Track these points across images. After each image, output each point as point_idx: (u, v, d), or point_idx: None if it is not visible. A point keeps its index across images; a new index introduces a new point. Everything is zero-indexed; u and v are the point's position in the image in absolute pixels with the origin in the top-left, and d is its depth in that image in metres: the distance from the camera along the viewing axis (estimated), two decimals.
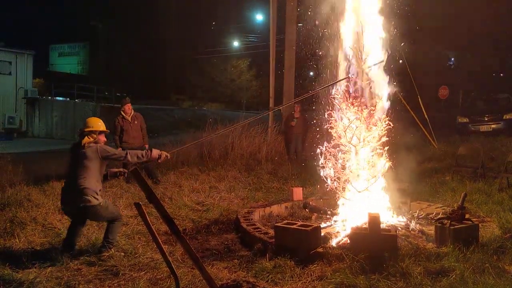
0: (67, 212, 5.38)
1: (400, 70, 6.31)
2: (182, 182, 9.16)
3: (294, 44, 14.26)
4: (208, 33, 43.97)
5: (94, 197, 5.04)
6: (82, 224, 5.35)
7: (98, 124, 5.32)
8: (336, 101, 6.12)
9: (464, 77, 25.49)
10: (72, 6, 44.05)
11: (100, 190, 5.14)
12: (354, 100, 5.97)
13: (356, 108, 5.94)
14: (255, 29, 41.51)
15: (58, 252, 5.03)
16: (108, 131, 5.49)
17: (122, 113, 9.26)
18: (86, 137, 5.19)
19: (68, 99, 29.79)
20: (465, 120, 17.72)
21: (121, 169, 5.60)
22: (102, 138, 5.34)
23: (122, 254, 5.04)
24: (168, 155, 5.46)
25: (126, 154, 5.22)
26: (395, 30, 6.15)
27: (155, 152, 5.33)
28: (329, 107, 6.20)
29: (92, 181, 5.04)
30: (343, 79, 6.14)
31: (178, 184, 8.99)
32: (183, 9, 44.43)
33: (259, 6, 37.91)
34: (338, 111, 6.10)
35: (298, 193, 7.68)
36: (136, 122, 9.27)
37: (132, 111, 9.38)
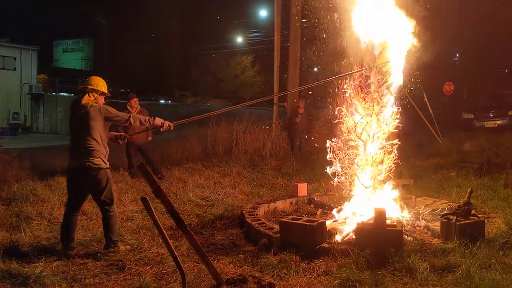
0: (71, 173, 5.12)
1: (408, 67, 6.27)
2: (187, 177, 9.18)
3: (299, 39, 14.21)
4: (211, 29, 43.92)
5: (103, 161, 4.98)
6: (77, 210, 5.21)
7: (100, 84, 5.17)
8: (347, 95, 6.10)
9: (469, 72, 25.35)
10: (76, 2, 44.11)
11: (107, 153, 5.07)
12: (365, 95, 5.95)
13: (367, 103, 5.92)
14: (259, 25, 41.43)
15: (63, 247, 5.05)
16: (109, 94, 5.35)
17: (128, 107, 9.30)
18: (87, 94, 5.03)
19: (72, 94, 29.83)
20: (470, 116, 17.66)
21: (122, 133, 5.50)
22: (102, 100, 5.18)
23: (128, 248, 5.06)
24: (171, 125, 5.42)
25: (129, 117, 5.13)
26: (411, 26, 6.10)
27: (158, 120, 5.28)
28: (339, 102, 6.18)
29: (99, 142, 4.95)
30: (353, 72, 6.12)
31: (183, 180, 9.00)
32: (186, 5, 44.43)
33: (263, 1, 37.84)
34: (349, 106, 6.08)
35: (303, 188, 7.68)
36: None
37: (139, 106, 9.42)
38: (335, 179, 6.26)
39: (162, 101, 37.25)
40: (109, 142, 5.24)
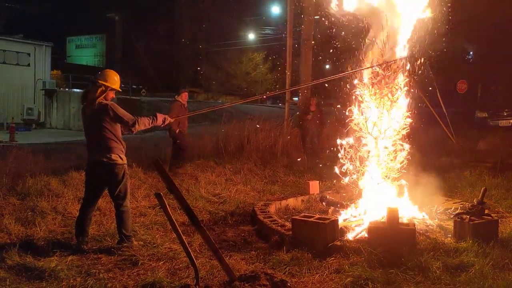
0: (89, 167, 5.17)
1: (420, 63, 6.23)
2: (199, 174, 9.20)
3: (311, 36, 14.17)
4: (223, 26, 43.92)
5: (120, 156, 5.02)
6: (93, 205, 5.27)
7: (113, 79, 5.10)
8: (358, 92, 6.09)
9: (483, 71, 25.06)
10: None
11: (124, 148, 5.10)
12: (376, 91, 5.93)
13: (378, 99, 5.90)
14: (271, 22, 41.34)
15: (78, 242, 5.11)
16: (121, 90, 5.34)
17: (181, 100, 9.53)
18: (96, 89, 4.99)
19: None
20: (484, 115, 17.51)
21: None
22: (112, 94, 5.14)
23: (141, 243, 5.11)
24: (172, 120, 5.50)
25: (135, 122, 5.02)
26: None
27: (160, 119, 5.25)
28: (350, 100, 6.17)
29: (113, 139, 4.98)
30: (364, 68, 6.10)
31: (195, 176, 9.02)
32: (198, 2, 44.46)
33: None
34: (360, 103, 6.07)
35: (314, 186, 7.67)
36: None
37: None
38: (347, 178, 6.25)
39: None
40: (123, 131, 5.20)
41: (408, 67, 6.01)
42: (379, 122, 5.93)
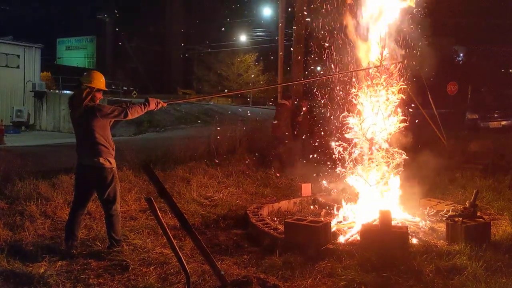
0: (78, 171, 5.17)
1: (411, 65, 6.25)
2: (190, 176, 9.12)
3: (303, 37, 14.15)
4: (215, 28, 43.89)
5: (108, 160, 4.97)
6: (83, 208, 5.21)
7: (100, 80, 5.06)
8: (350, 97, 6.09)
9: (474, 72, 25.28)
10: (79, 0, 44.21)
11: (113, 150, 5.05)
12: (372, 94, 5.93)
13: (374, 102, 5.91)
14: (263, 24, 41.35)
15: (67, 246, 5.04)
16: (107, 89, 5.28)
17: (288, 103, 10.97)
18: (82, 91, 4.94)
19: None
20: (475, 116, 17.59)
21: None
22: (99, 95, 5.09)
23: (132, 248, 5.04)
24: (164, 104, 5.37)
25: (126, 113, 4.98)
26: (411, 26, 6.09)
27: (153, 104, 5.15)
28: (344, 105, 6.18)
29: (102, 142, 4.92)
30: (358, 70, 6.10)
31: (186, 179, 8.95)
32: (190, 3, 44.43)
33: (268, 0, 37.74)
34: (354, 105, 6.06)
35: (307, 188, 7.65)
36: None
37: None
38: (340, 178, 6.24)
39: None
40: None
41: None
42: (373, 125, 5.92)
